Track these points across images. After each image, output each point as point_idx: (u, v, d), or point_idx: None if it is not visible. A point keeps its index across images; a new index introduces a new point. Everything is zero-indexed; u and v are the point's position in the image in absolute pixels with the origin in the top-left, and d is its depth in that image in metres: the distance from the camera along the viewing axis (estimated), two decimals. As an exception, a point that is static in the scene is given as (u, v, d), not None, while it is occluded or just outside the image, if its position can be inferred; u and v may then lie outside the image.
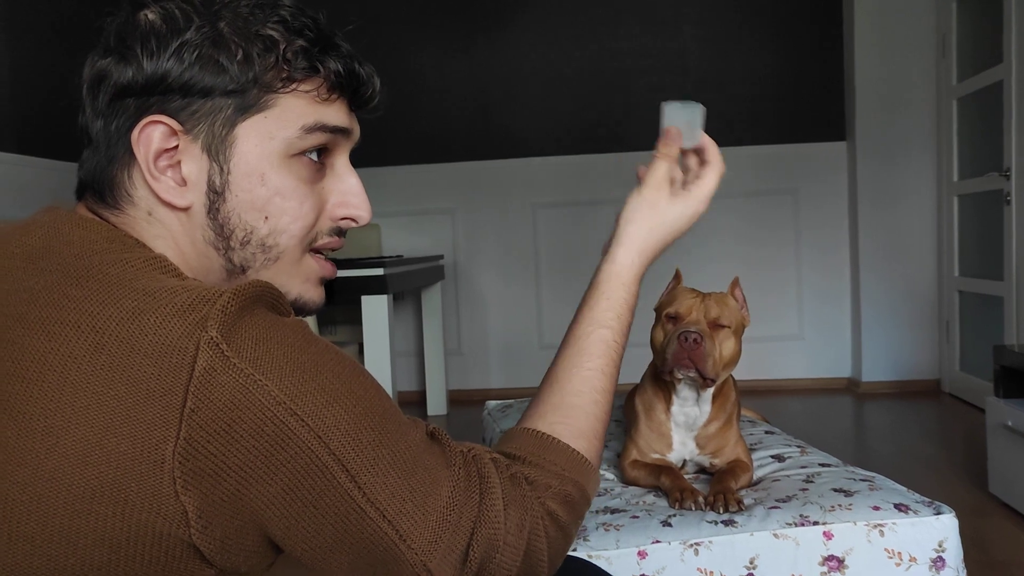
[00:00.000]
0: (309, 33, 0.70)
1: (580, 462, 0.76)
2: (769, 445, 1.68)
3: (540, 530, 0.70)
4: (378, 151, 4.40)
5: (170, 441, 0.56)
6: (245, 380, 0.57)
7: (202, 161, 0.68)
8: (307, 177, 0.72)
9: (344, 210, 0.76)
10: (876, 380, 4.20)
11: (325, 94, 0.71)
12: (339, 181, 0.76)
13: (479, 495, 0.67)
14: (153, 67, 0.67)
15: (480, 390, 4.43)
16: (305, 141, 0.71)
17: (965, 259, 3.92)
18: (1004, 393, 2.45)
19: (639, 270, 0.90)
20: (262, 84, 0.68)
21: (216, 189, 0.69)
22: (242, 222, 0.70)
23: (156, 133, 0.67)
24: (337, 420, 0.60)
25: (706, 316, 1.42)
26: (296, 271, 0.74)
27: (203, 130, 0.68)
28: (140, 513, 0.57)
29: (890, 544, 1.28)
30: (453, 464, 0.67)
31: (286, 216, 0.71)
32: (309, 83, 0.70)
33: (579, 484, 0.75)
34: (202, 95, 0.67)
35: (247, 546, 0.61)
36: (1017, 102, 3.25)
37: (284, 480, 0.59)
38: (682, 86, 4.29)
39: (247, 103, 0.68)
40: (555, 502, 0.73)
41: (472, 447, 0.72)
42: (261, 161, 0.69)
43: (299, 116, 0.70)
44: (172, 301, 0.59)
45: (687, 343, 1.37)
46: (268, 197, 0.70)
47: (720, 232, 4.31)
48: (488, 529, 0.66)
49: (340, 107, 0.73)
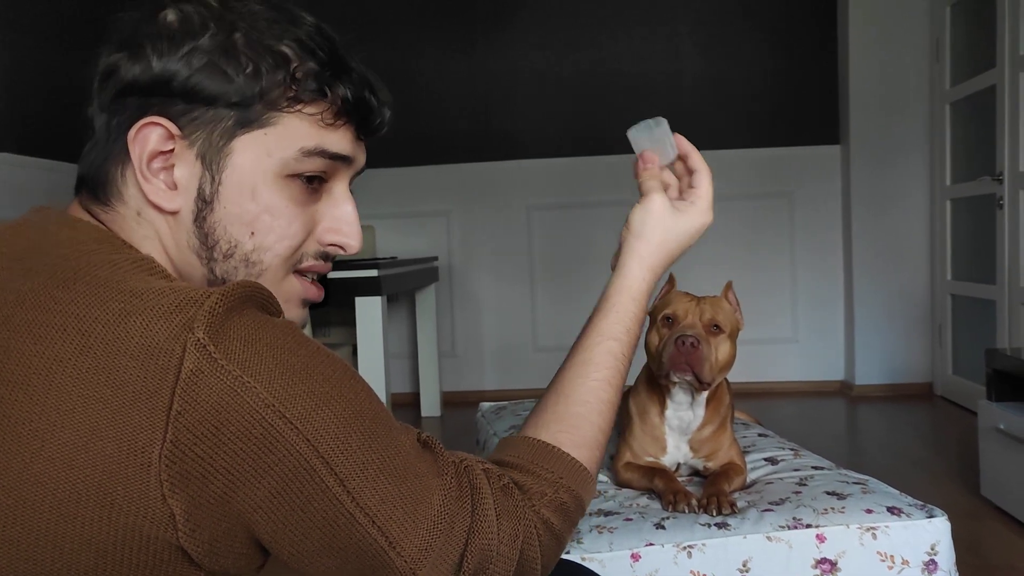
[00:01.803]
0: (322, 55, 0.69)
1: (579, 471, 0.76)
2: (762, 448, 1.68)
3: (533, 539, 0.70)
4: (373, 152, 4.35)
5: (156, 444, 0.56)
6: (232, 382, 0.57)
7: (195, 168, 0.68)
8: (299, 199, 0.71)
9: (334, 236, 0.75)
10: (869, 383, 4.21)
11: (331, 119, 0.70)
12: (334, 207, 0.74)
13: (471, 506, 0.66)
14: (160, 68, 0.66)
15: (474, 392, 4.43)
16: (302, 164, 0.70)
17: (958, 263, 3.94)
18: (996, 396, 2.45)
19: (648, 285, 0.90)
20: (267, 100, 0.68)
21: (205, 198, 0.68)
22: (227, 234, 0.69)
23: (153, 134, 0.67)
24: (326, 424, 0.59)
25: (702, 319, 1.41)
26: (278, 290, 0.72)
27: (200, 137, 0.67)
28: (127, 516, 0.56)
29: (883, 547, 1.29)
30: (445, 473, 0.66)
31: (273, 234, 0.70)
32: (315, 106, 0.69)
33: (575, 492, 0.75)
34: (205, 103, 0.67)
35: (235, 548, 0.61)
36: (1010, 106, 3.27)
37: (272, 483, 0.58)
38: (678, 89, 4.30)
39: (249, 117, 0.67)
40: (550, 510, 0.72)
41: (464, 457, 0.71)
42: (255, 176, 0.68)
43: (301, 138, 0.69)
44: (159, 302, 0.58)
45: (684, 347, 1.36)
46: (257, 213, 0.69)
47: (714, 235, 4.31)
48: (482, 540, 0.65)
49: (345, 134, 0.72)
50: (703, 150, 1.01)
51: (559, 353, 3.77)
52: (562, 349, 3.60)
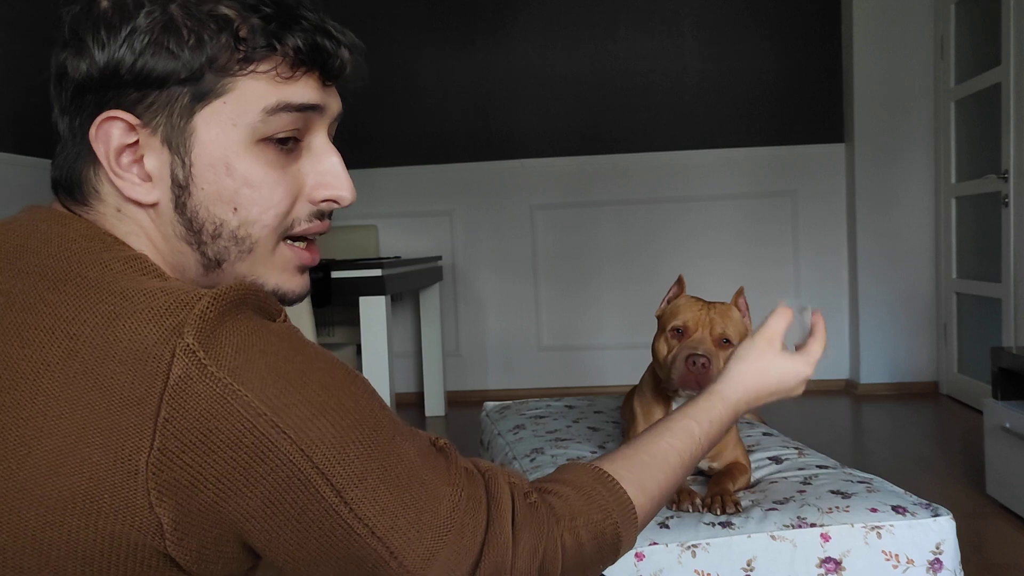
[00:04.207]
0: (266, 8, 0.65)
1: (628, 510, 0.75)
2: (767, 447, 1.68)
3: (556, 556, 0.68)
4: (376, 152, 4.40)
5: (144, 451, 0.54)
6: (222, 390, 0.55)
7: (163, 155, 0.65)
8: (277, 162, 0.68)
9: (324, 191, 0.71)
10: (874, 382, 4.20)
11: (287, 72, 0.66)
12: (317, 161, 0.70)
13: (487, 515, 0.65)
14: (105, 59, 0.63)
15: (478, 391, 4.43)
16: (270, 125, 0.66)
17: (963, 261, 3.93)
18: (1002, 395, 2.45)
19: (741, 406, 0.93)
20: (217, 68, 0.64)
21: (180, 183, 0.66)
22: (211, 215, 0.66)
23: (114, 129, 0.64)
24: (322, 433, 0.58)
25: (712, 333, 1.39)
26: (272, 261, 0.70)
27: (161, 122, 0.64)
28: (113, 524, 0.55)
29: (887, 546, 1.28)
30: (455, 482, 0.64)
31: (256, 206, 0.67)
32: (268, 63, 0.65)
33: (617, 529, 0.73)
34: (156, 85, 0.63)
35: (226, 553, 0.59)
36: (1015, 104, 3.26)
37: (264, 492, 0.57)
38: (681, 87, 4.29)
39: (203, 90, 0.64)
40: (588, 534, 0.71)
41: (489, 467, 0.69)
42: (225, 151, 0.65)
43: (259, 98, 0.65)
44: (149, 305, 0.57)
45: (696, 367, 1.34)
46: (236, 188, 0.66)
47: (719, 233, 4.31)
48: (496, 553, 0.64)
49: (308, 82, 0.68)
50: (706, 149, 1.02)
51: (563, 352, 3.80)
52: (566, 348, 3.61)
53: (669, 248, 4.33)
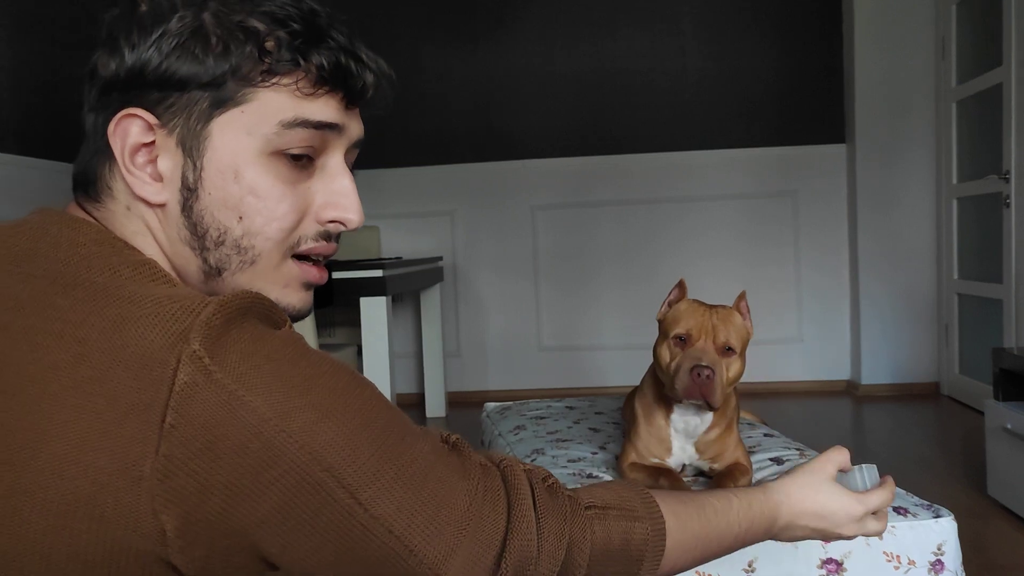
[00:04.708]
0: (295, 24, 0.66)
1: (658, 522, 0.74)
2: (768, 448, 1.67)
3: (585, 543, 0.67)
4: (377, 153, 4.40)
5: (148, 458, 0.54)
6: (228, 396, 0.55)
7: (177, 157, 0.66)
8: (287, 177, 0.68)
9: (332, 212, 0.71)
10: (875, 383, 4.20)
11: (308, 88, 0.67)
12: (329, 181, 0.71)
13: (507, 505, 0.65)
14: (134, 59, 0.64)
15: (479, 392, 4.43)
16: (284, 138, 0.67)
17: (964, 262, 3.92)
18: (1003, 396, 2.45)
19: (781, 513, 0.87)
20: (239, 77, 0.65)
21: (189, 186, 0.66)
22: (215, 221, 0.67)
23: (132, 127, 0.65)
24: (331, 436, 0.58)
25: (715, 341, 1.37)
26: (274, 276, 0.70)
27: (179, 124, 0.65)
28: (116, 531, 0.54)
29: (889, 547, 1.28)
30: (471, 475, 0.65)
31: (260, 217, 0.67)
32: (290, 77, 0.66)
33: (642, 552, 0.72)
34: (178, 88, 0.64)
35: (234, 563, 0.59)
36: (1016, 105, 3.25)
37: (275, 499, 0.56)
38: (681, 87, 4.29)
39: (223, 97, 0.65)
40: (618, 529, 0.70)
41: (504, 458, 0.69)
42: (236, 157, 0.66)
43: (277, 111, 0.66)
44: (156, 311, 0.57)
45: (699, 379, 1.33)
46: (241, 196, 0.66)
47: (719, 233, 4.31)
48: (520, 539, 0.63)
49: (328, 102, 0.68)
50: (707, 149, 1.01)
51: (563, 353, 3.80)
52: (566, 349, 3.62)
53: (670, 248, 4.33)
